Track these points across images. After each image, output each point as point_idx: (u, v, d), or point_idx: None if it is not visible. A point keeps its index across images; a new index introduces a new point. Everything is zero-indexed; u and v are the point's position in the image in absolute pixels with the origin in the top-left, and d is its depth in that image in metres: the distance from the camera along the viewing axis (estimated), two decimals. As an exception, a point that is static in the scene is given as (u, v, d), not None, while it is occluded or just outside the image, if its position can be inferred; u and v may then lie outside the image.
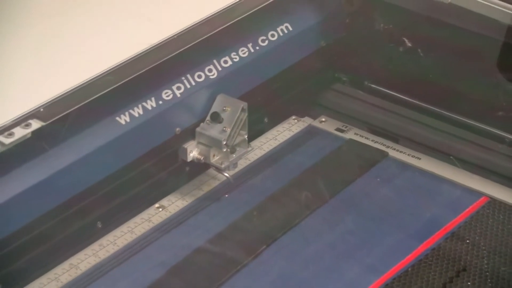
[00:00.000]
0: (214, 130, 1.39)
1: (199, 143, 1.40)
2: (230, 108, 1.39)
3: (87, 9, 1.45)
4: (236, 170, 1.49)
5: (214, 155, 1.40)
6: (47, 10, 1.44)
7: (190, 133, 1.40)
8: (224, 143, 1.37)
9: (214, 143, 1.39)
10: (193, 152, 1.40)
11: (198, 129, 1.40)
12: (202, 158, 1.41)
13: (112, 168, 1.35)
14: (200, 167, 1.44)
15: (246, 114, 1.40)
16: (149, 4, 1.46)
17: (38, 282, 1.31)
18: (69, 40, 1.37)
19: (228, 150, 1.38)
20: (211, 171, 1.45)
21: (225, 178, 1.42)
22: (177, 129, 1.42)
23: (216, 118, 1.38)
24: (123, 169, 1.37)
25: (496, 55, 1.52)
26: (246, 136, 1.42)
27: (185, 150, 1.39)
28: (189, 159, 1.40)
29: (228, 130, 1.37)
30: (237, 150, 1.40)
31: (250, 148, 1.45)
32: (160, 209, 1.41)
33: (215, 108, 1.40)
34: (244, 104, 1.39)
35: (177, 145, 1.43)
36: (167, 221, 1.41)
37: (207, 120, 1.39)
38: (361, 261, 1.33)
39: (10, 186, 1.24)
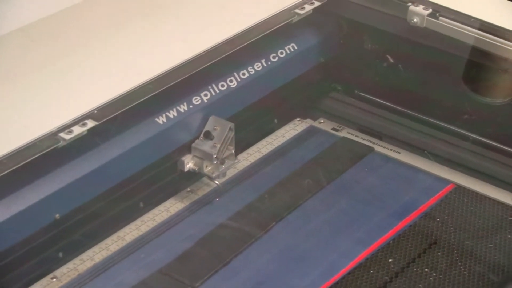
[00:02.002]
0: (206, 146, 1.37)
1: (194, 156, 1.38)
2: (220, 128, 1.37)
3: (133, 32, 1.44)
4: (251, 161, 1.50)
5: (206, 166, 1.38)
6: (98, 35, 1.43)
7: (187, 148, 1.38)
8: (215, 156, 1.36)
9: (206, 157, 1.37)
10: (189, 163, 1.38)
11: (193, 144, 1.37)
12: (196, 169, 1.39)
13: (151, 159, 1.35)
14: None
15: (233, 133, 1.38)
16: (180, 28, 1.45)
17: (91, 250, 1.31)
18: (117, 58, 1.37)
19: (218, 162, 1.37)
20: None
21: (215, 185, 1.40)
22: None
23: (208, 136, 1.37)
24: (160, 160, 1.36)
25: (461, 70, 1.52)
26: (233, 151, 1.40)
27: (183, 162, 1.37)
28: (186, 170, 1.38)
29: (218, 146, 1.36)
30: (225, 162, 1.38)
31: (236, 160, 1.43)
32: (191, 193, 1.40)
33: (207, 127, 1.38)
34: (231, 125, 1.37)
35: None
36: (195, 202, 1.40)
37: (201, 137, 1.37)
38: (352, 235, 1.34)
39: (70, 174, 1.24)
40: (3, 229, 1.17)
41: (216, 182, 1.38)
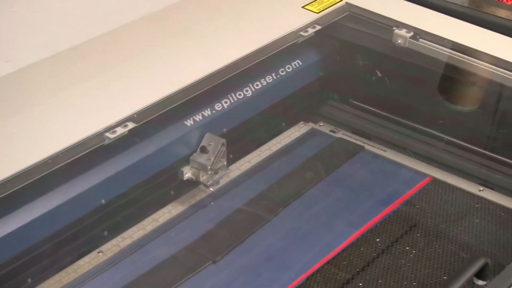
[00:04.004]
0: (202, 159, 1.35)
1: (192, 167, 1.36)
2: (214, 143, 1.35)
3: (160, 54, 1.43)
4: (263, 157, 1.49)
5: (202, 176, 1.36)
6: (135, 55, 1.43)
7: (185, 160, 1.36)
8: (209, 167, 1.34)
9: (202, 168, 1.35)
10: (188, 173, 1.36)
11: (191, 157, 1.35)
12: (194, 178, 1.36)
13: (181, 155, 1.34)
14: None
15: (225, 148, 1.36)
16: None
17: (131, 230, 1.31)
18: (149, 73, 1.37)
19: (212, 172, 1.35)
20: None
21: (210, 191, 1.39)
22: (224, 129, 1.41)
23: (203, 150, 1.35)
24: (186, 157, 1.35)
25: (437, 83, 1.53)
26: (225, 163, 1.38)
27: (182, 172, 1.35)
28: (185, 178, 1.36)
29: (212, 158, 1.34)
30: (219, 172, 1.36)
31: (228, 171, 1.41)
32: (211, 188, 1.39)
33: (203, 143, 1.36)
34: (223, 141, 1.36)
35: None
36: (218, 189, 1.40)
37: (198, 151, 1.36)
38: (346, 219, 1.34)
39: (113, 167, 1.25)
40: (59, 212, 1.18)
41: (211, 189, 1.38)
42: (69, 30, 1.57)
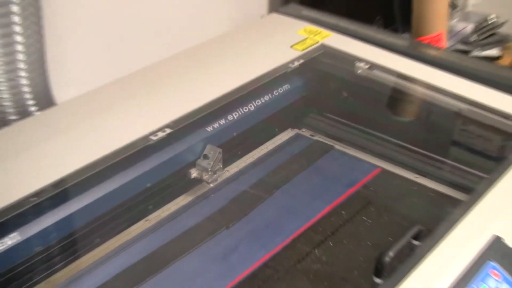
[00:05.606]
0: (204, 163, 1.34)
1: (197, 169, 1.35)
2: (213, 152, 1.35)
3: (188, 79, 1.44)
4: (260, 154, 1.49)
5: (204, 175, 1.35)
6: (171, 81, 1.44)
7: (190, 165, 1.35)
8: (209, 169, 1.34)
9: (204, 169, 1.35)
10: (194, 173, 1.35)
11: (197, 161, 1.35)
12: (198, 176, 1.35)
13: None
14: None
15: (221, 156, 1.35)
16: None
17: (169, 204, 1.31)
18: (180, 94, 1.38)
19: (212, 173, 1.35)
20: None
21: (210, 186, 1.37)
22: (234, 134, 1.43)
23: (205, 157, 1.35)
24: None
25: (386, 101, 1.57)
26: (221, 165, 1.37)
27: (190, 172, 1.34)
28: (192, 177, 1.35)
29: (212, 163, 1.34)
30: (216, 173, 1.36)
31: (225, 171, 1.40)
32: (211, 184, 1.38)
33: (205, 151, 1.35)
34: (220, 150, 1.35)
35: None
36: (227, 178, 1.41)
37: (201, 157, 1.35)
38: (321, 198, 1.36)
39: (154, 161, 1.27)
40: (119, 191, 1.21)
41: (211, 185, 1.36)
42: (120, 61, 1.64)
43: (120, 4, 1.73)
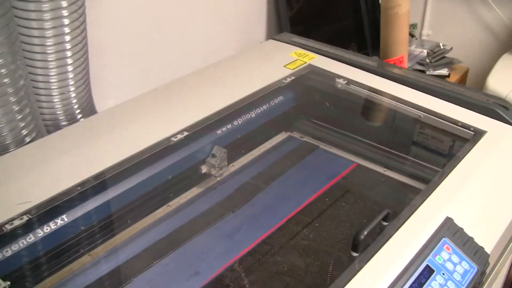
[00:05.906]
0: (212, 161, 1.33)
1: (206, 165, 1.33)
2: (219, 152, 1.34)
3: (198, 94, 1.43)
4: (260, 152, 1.47)
5: (212, 170, 1.34)
6: (186, 94, 1.43)
7: (203, 161, 1.34)
8: (216, 165, 1.32)
9: (212, 166, 1.33)
10: (204, 169, 1.33)
11: (206, 159, 1.33)
12: (207, 171, 1.33)
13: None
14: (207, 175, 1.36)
15: (226, 155, 1.34)
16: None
17: (184, 194, 1.29)
18: (196, 104, 1.36)
19: (218, 168, 1.33)
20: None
21: (217, 180, 1.35)
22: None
23: (213, 156, 1.33)
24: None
25: (360, 109, 1.54)
26: (226, 163, 1.36)
27: (201, 168, 1.32)
28: (202, 172, 1.33)
29: (218, 161, 1.32)
30: (222, 168, 1.34)
31: (230, 166, 1.38)
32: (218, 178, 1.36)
33: (213, 151, 1.34)
34: (225, 150, 1.33)
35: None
36: (231, 174, 1.39)
37: (210, 156, 1.33)
38: (308, 187, 1.35)
39: (175, 157, 1.25)
40: (147, 181, 1.20)
41: (218, 178, 1.35)
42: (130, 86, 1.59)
43: (148, 31, 1.75)
